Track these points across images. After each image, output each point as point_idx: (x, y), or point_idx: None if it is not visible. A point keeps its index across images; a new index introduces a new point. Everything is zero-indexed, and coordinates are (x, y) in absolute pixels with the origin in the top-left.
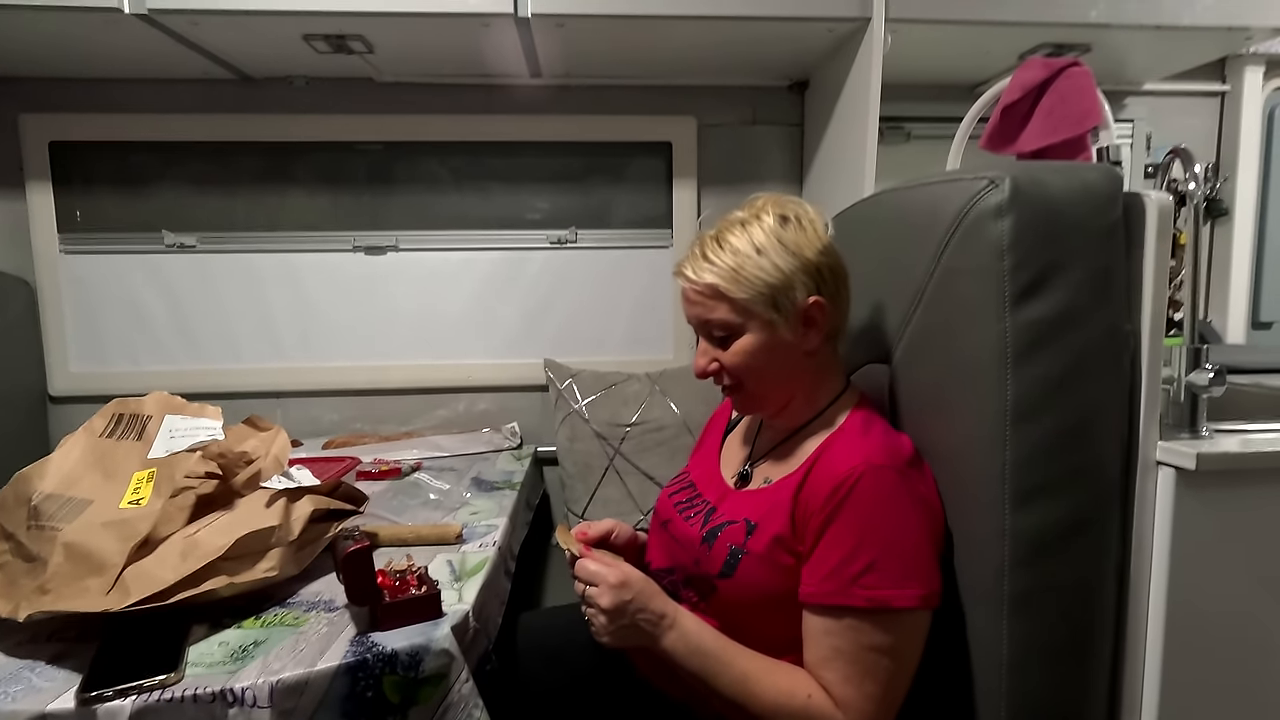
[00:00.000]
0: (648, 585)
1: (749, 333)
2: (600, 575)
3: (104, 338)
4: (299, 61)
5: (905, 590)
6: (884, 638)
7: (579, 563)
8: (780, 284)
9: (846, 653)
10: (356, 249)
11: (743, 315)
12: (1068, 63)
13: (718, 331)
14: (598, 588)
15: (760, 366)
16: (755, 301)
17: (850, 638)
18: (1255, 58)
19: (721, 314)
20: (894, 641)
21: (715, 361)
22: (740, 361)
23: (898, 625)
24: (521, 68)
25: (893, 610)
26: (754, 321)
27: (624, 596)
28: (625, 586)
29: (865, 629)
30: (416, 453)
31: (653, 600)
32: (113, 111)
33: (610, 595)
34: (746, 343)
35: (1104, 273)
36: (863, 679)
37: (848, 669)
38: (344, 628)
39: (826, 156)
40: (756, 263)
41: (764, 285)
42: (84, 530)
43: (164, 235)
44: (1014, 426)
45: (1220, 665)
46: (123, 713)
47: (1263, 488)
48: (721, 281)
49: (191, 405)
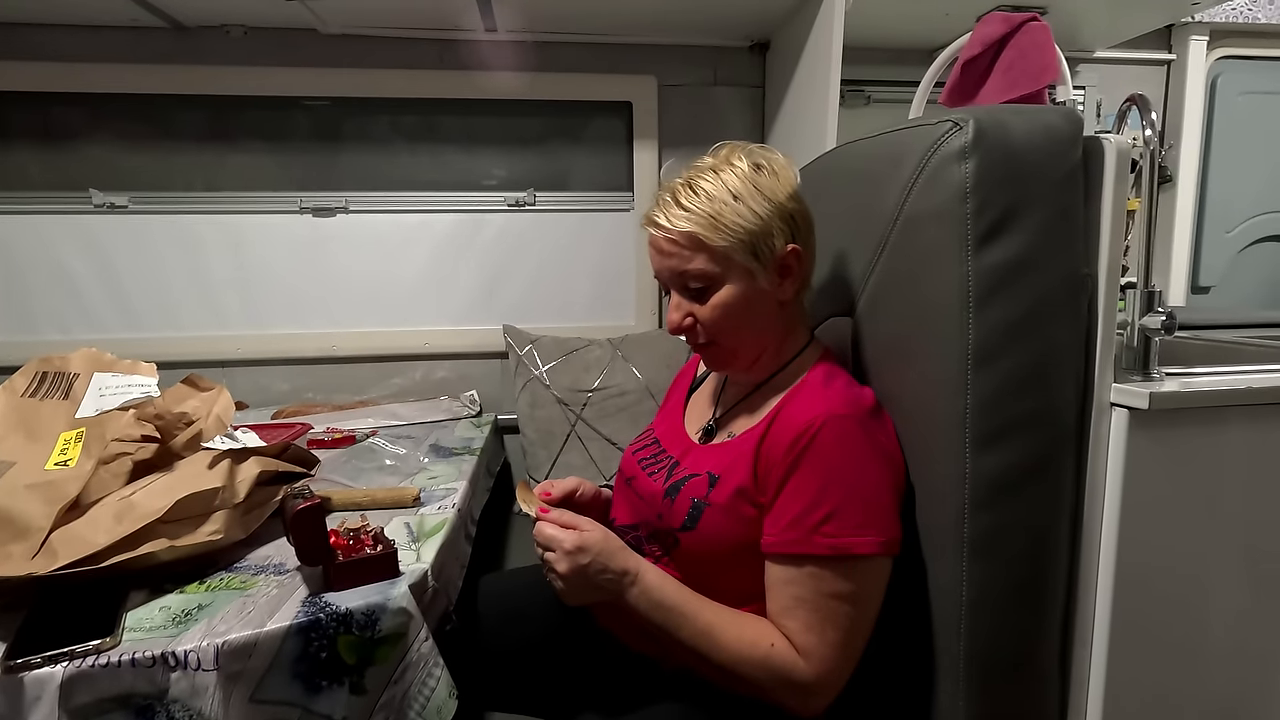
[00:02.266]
0: (606, 543)
1: (728, 283)
2: (556, 540)
3: (29, 305)
4: (236, 7)
5: (865, 537)
6: (845, 585)
7: (536, 526)
8: (759, 230)
9: (808, 601)
10: (304, 210)
11: (722, 264)
12: (1027, 17)
13: (694, 283)
14: (554, 553)
15: (737, 319)
16: (735, 249)
17: (811, 585)
18: (1199, 26)
19: (699, 264)
20: (855, 588)
21: (690, 316)
22: (718, 315)
23: (858, 572)
24: (476, 21)
25: (853, 557)
26: (733, 270)
27: (580, 561)
28: (582, 550)
29: (826, 576)
30: (372, 421)
31: (613, 559)
32: (33, 59)
33: (566, 561)
34: (726, 294)
35: (1064, 215)
36: (824, 626)
37: (809, 617)
38: (295, 589)
39: (788, 119)
40: (735, 209)
41: (744, 232)
42: (6, 493)
43: (92, 195)
44: (975, 370)
45: (1169, 603)
46: (53, 680)
47: (1210, 427)
48: (699, 229)
49: (123, 362)
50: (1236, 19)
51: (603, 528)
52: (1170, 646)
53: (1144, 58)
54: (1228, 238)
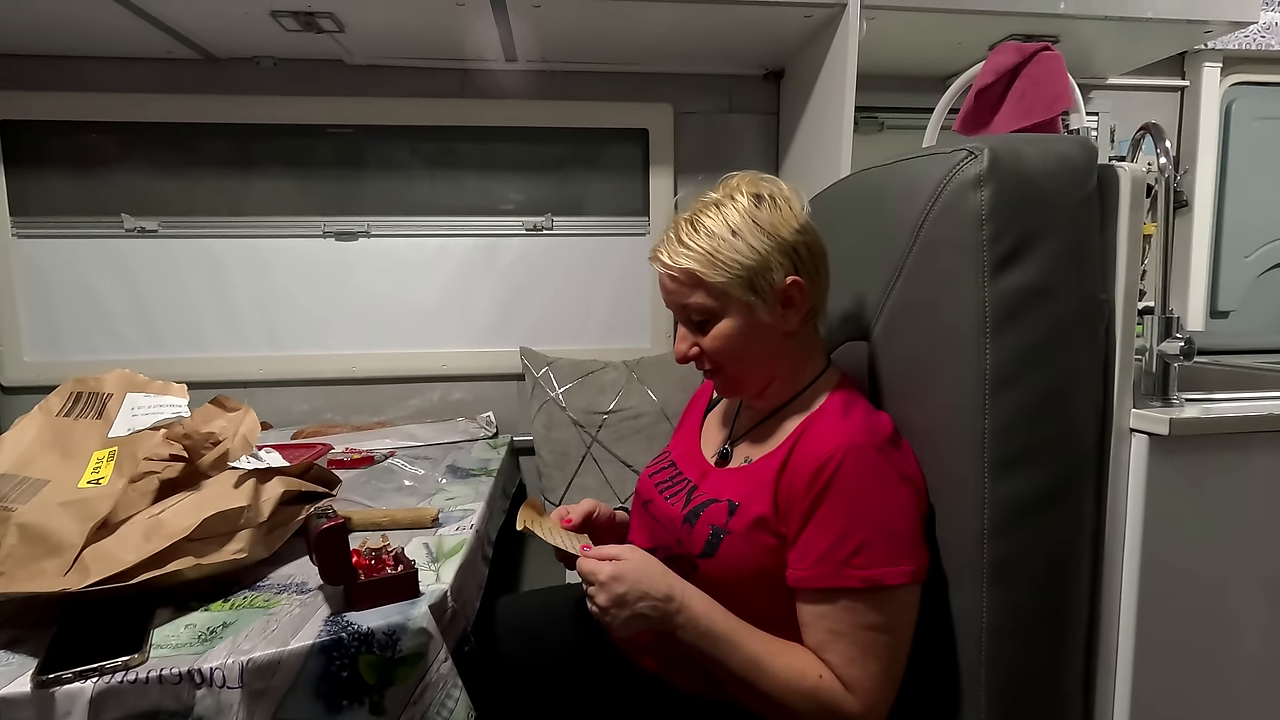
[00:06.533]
0: (645, 569)
1: (727, 317)
2: (592, 573)
3: (60, 326)
4: (267, 40)
5: (896, 567)
6: (879, 616)
7: (578, 563)
8: (757, 266)
9: (845, 634)
10: (327, 234)
11: (720, 299)
12: (1039, 47)
13: (696, 316)
14: (594, 586)
15: (739, 350)
16: (732, 285)
17: (847, 619)
18: (1213, 53)
19: (699, 299)
20: (889, 618)
21: (695, 346)
22: (719, 346)
23: (891, 602)
24: (497, 51)
25: (886, 588)
26: (732, 305)
27: (618, 590)
28: (617, 580)
29: (860, 609)
30: (389, 442)
31: (653, 585)
32: (70, 90)
33: (604, 593)
34: (725, 327)
35: (1080, 243)
36: (865, 659)
37: (849, 650)
38: (317, 608)
39: (802, 145)
40: (732, 245)
41: (740, 268)
42: (40, 511)
43: (123, 219)
44: (993, 395)
45: (1192, 628)
46: (83, 695)
47: (1230, 453)
48: (697, 266)
49: (155, 383)
50: (1250, 46)
51: (642, 553)
52: (1194, 673)
53: (1158, 84)
54: (1246, 262)
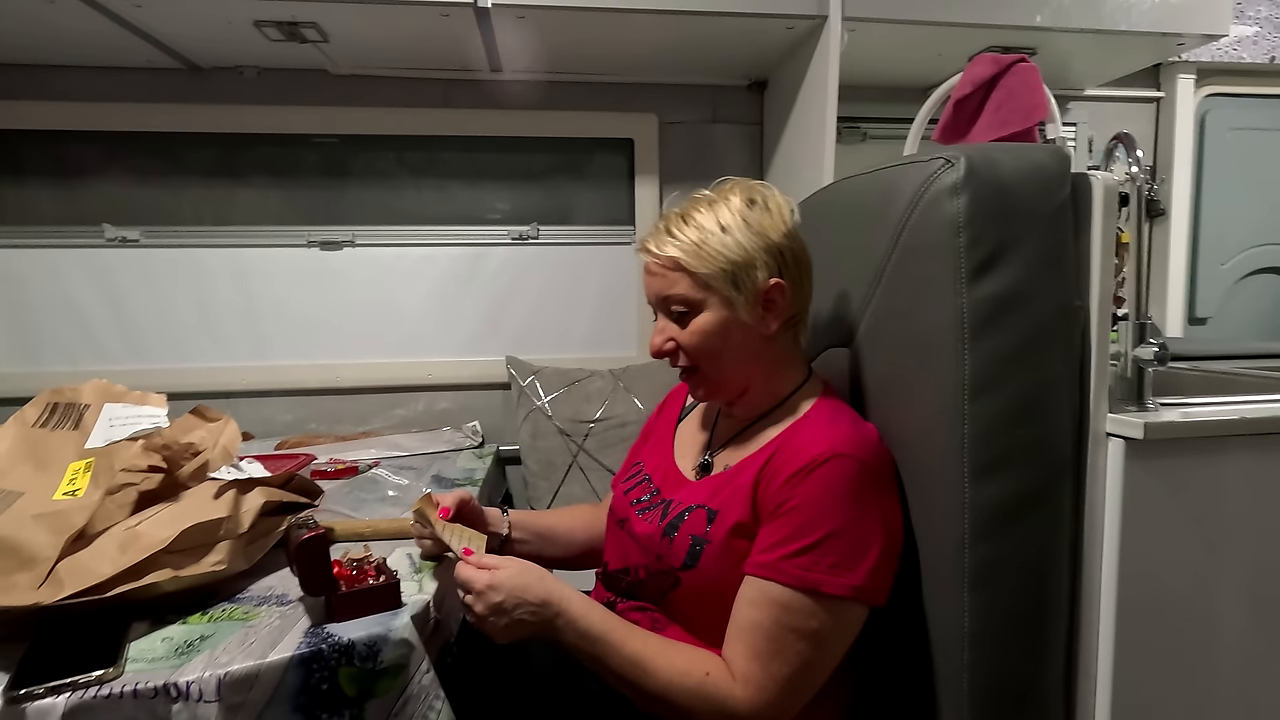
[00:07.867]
0: (521, 577)
1: (707, 310)
2: (469, 581)
3: (38, 337)
4: (250, 50)
5: (838, 578)
6: (807, 621)
7: (456, 569)
8: (742, 261)
9: (763, 628)
10: (311, 244)
11: (702, 291)
12: (1016, 59)
13: (676, 307)
14: (470, 595)
15: (716, 347)
16: (715, 277)
17: (770, 613)
18: (1187, 65)
19: (681, 289)
20: (817, 627)
21: (671, 340)
22: (697, 341)
23: (825, 612)
24: (482, 61)
25: (821, 595)
26: (713, 298)
27: (494, 599)
28: (493, 589)
29: (788, 609)
30: (374, 452)
31: (528, 591)
32: (51, 99)
33: (480, 602)
34: (704, 321)
35: (1054, 249)
36: (772, 659)
37: (760, 644)
38: (297, 620)
39: (786, 155)
40: (720, 239)
41: (725, 261)
42: (13, 523)
43: (104, 229)
44: (972, 401)
45: (1170, 630)
46: (55, 711)
47: (1206, 456)
48: (683, 255)
49: (133, 394)
50: (1222, 59)
51: (522, 562)
52: (1173, 675)
53: (1134, 95)
54: (1223, 270)
